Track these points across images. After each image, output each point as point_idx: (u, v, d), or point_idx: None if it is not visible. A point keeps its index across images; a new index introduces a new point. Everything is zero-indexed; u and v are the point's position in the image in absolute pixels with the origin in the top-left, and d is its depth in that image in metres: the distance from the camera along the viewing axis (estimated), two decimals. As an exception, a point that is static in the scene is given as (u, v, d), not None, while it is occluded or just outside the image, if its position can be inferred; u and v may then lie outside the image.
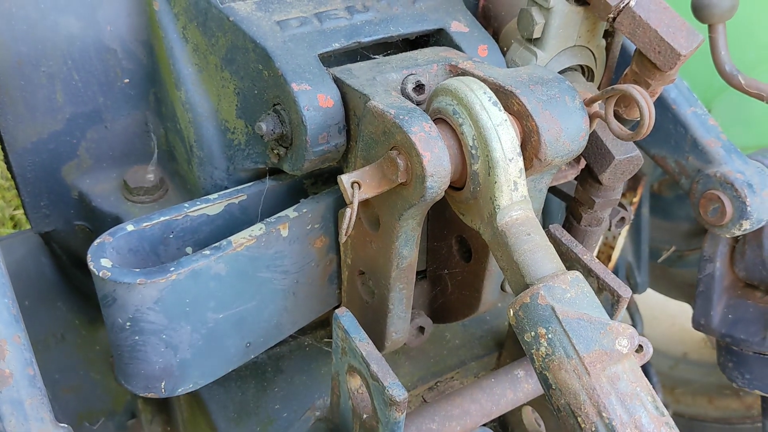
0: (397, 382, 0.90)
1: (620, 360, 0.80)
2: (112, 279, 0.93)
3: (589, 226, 1.18)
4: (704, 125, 1.30)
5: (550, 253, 0.87)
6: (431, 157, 0.84)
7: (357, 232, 1.06)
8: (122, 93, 1.18)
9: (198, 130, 1.11)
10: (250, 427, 1.28)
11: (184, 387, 1.06)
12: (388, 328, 1.10)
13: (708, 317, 1.50)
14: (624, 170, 1.08)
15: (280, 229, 1.04)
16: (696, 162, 1.31)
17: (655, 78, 1.02)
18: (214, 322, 1.03)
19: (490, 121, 0.85)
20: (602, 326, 0.81)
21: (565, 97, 0.93)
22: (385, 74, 1.00)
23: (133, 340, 0.99)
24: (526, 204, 0.88)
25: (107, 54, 1.15)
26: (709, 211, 1.30)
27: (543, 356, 0.82)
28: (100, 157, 1.23)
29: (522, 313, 0.84)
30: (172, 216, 1.04)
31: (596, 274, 1.06)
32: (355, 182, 0.89)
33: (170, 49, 1.10)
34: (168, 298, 0.96)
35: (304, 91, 0.96)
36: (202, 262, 0.98)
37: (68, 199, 1.25)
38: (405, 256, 1.00)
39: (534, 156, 0.91)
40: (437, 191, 0.87)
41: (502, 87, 0.92)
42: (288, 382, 1.34)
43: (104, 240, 0.99)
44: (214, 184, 1.14)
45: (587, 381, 0.79)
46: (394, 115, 0.87)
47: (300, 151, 0.99)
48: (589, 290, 0.84)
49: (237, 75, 1.05)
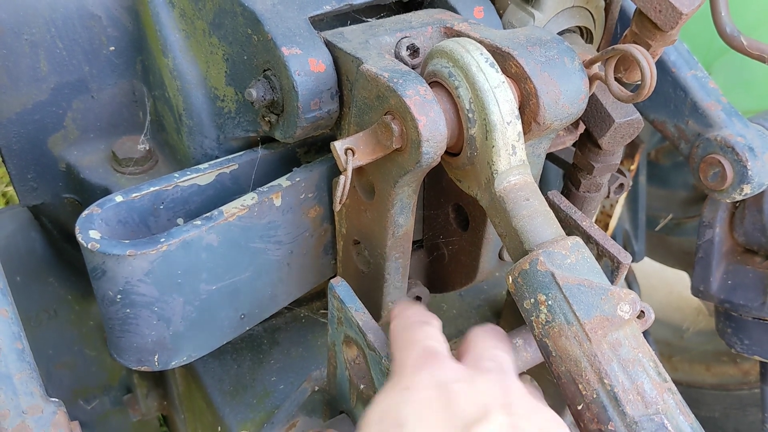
0: (393, 352, 0.89)
1: (622, 326, 0.78)
2: (101, 251, 0.91)
3: (587, 192, 1.16)
4: (704, 88, 1.28)
5: (549, 218, 0.85)
6: (427, 122, 0.82)
7: (351, 200, 1.03)
8: (108, 61, 1.15)
9: (187, 98, 1.08)
10: (246, 400, 1.27)
11: (177, 360, 1.04)
12: (385, 298, 1.08)
13: (707, 283, 1.49)
14: (624, 134, 1.05)
15: (273, 198, 1.02)
16: (696, 126, 1.28)
17: (655, 39, 0.99)
18: (207, 294, 1.02)
19: (487, 83, 0.82)
20: (603, 292, 0.79)
21: (564, 58, 0.90)
22: (378, 37, 0.97)
23: (124, 312, 0.97)
24: (524, 169, 0.86)
25: (91, 21, 1.11)
26: (709, 176, 1.28)
27: (543, 323, 0.80)
28: (88, 127, 1.19)
29: (521, 280, 0.82)
30: (162, 186, 1.01)
31: (596, 241, 1.04)
32: (349, 149, 0.87)
33: (156, 14, 1.07)
34: (159, 269, 0.94)
35: (294, 55, 0.93)
36: (193, 233, 0.95)
37: (56, 172, 1.22)
38: (401, 225, 0.98)
39: (532, 119, 0.89)
40: (433, 156, 0.84)
41: (499, 48, 0.90)
42: (284, 354, 1.33)
43: (92, 211, 0.96)
44: (204, 153, 1.11)
45: (588, 347, 0.77)
46: (388, 79, 0.84)
47: (291, 118, 0.96)
48: (589, 256, 0.82)
49: (225, 40, 1.02)
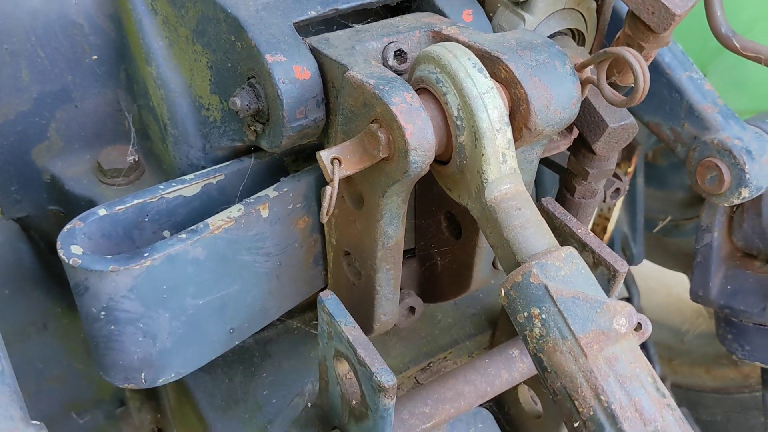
0: (385, 368, 0.86)
1: (618, 340, 0.76)
2: (83, 267, 0.89)
3: (583, 198, 1.14)
4: (700, 90, 1.25)
5: (542, 228, 0.82)
6: (414, 130, 0.79)
7: (340, 210, 1.01)
8: (91, 70, 1.12)
9: (171, 107, 1.06)
10: (238, 414, 1.24)
11: (165, 377, 1.02)
12: (377, 310, 1.05)
13: (706, 288, 1.46)
14: (618, 139, 1.03)
15: (260, 209, 0.99)
16: (692, 129, 1.26)
17: (648, 41, 0.97)
18: (194, 309, 0.99)
19: (476, 89, 0.80)
20: (599, 305, 0.76)
21: (555, 62, 0.88)
22: (365, 43, 0.94)
23: (109, 329, 0.94)
24: (515, 177, 0.83)
25: (73, 29, 1.09)
26: (706, 180, 1.25)
27: (537, 338, 0.78)
28: (72, 138, 1.17)
29: (514, 293, 0.80)
30: (147, 198, 0.99)
31: (591, 249, 1.02)
32: (335, 158, 0.85)
33: (139, 22, 1.04)
34: (143, 285, 0.92)
35: (278, 62, 0.90)
36: (178, 247, 0.93)
37: (40, 183, 1.19)
38: (391, 235, 0.96)
39: (523, 125, 0.86)
40: (421, 166, 0.82)
41: (488, 53, 0.87)
42: (276, 367, 1.30)
43: (75, 226, 0.94)
44: (190, 163, 1.09)
45: (584, 363, 0.75)
46: (374, 86, 0.81)
47: (277, 127, 0.94)
48: (584, 266, 0.80)
49: (209, 48, 1.00)
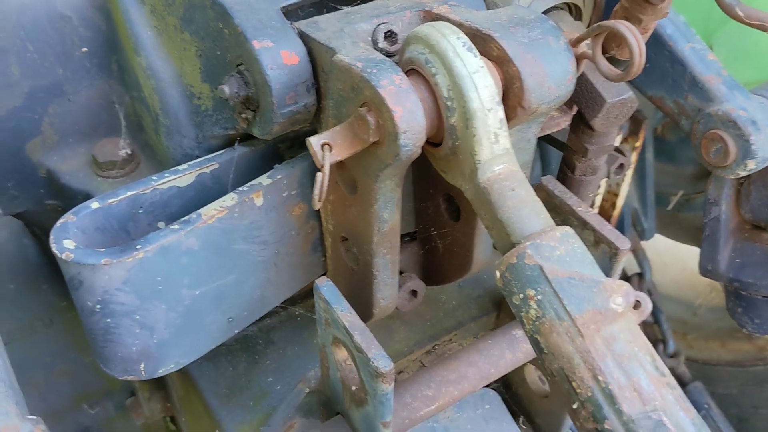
0: (382, 353, 0.85)
1: (616, 319, 0.74)
2: (75, 261, 0.88)
3: (583, 176, 1.12)
4: (703, 61, 1.22)
5: (537, 208, 0.81)
6: (403, 113, 0.78)
7: (336, 196, 1.00)
8: (82, 63, 1.11)
9: (162, 97, 1.05)
10: (242, 402, 1.24)
11: (165, 368, 1.01)
12: (375, 295, 1.04)
13: (715, 262, 1.44)
14: (617, 114, 1.01)
15: (254, 197, 0.98)
16: (696, 101, 1.23)
17: (646, 12, 0.94)
18: (191, 299, 0.98)
19: (465, 68, 0.78)
20: (595, 284, 0.75)
21: (548, 38, 0.86)
22: (354, 25, 0.93)
23: (105, 323, 0.94)
24: (509, 157, 0.82)
25: (62, 22, 1.07)
26: (711, 152, 1.23)
27: (533, 319, 0.76)
28: (66, 132, 1.16)
29: (509, 275, 0.78)
30: (140, 190, 0.98)
31: (592, 227, 1.00)
32: (326, 144, 0.83)
33: (126, 12, 1.03)
34: (137, 277, 0.91)
35: (266, 48, 0.89)
36: (171, 238, 0.92)
37: (36, 178, 1.19)
38: (386, 220, 0.95)
39: (517, 104, 0.85)
40: (412, 149, 0.80)
41: (479, 31, 0.85)
42: (280, 353, 1.30)
43: (68, 220, 0.93)
44: (184, 153, 1.08)
45: (581, 343, 0.74)
46: (362, 69, 0.80)
47: (267, 113, 0.92)
48: (580, 245, 0.78)
49: (197, 36, 0.98)
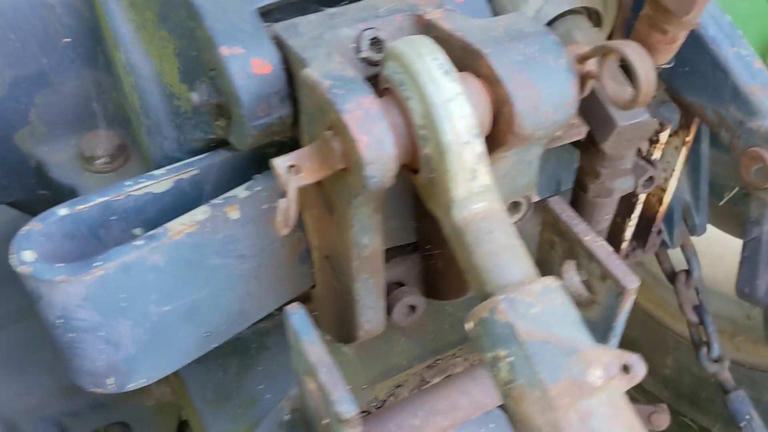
0: (345, 396, 0.78)
1: (594, 393, 0.65)
2: (32, 275, 0.83)
3: (597, 197, 1.01)
4: (748, 69, 1.08)
5: (517, 254, 0.71)
6: (368, 142, 0.69)
7: (318, 212, 0.92)
8: (66, 53, 1.05)
9: (142, 95, 0.98)
10: (230, 409, 1.19)
11: (135, 382, 0.97)
12: (359, 318, 0.97)
13: (753, 286, 1.31)
14: (631, 137, 0.89)
15: (227, 211, 0.91)
16: (737, 113, 1.10)
17: (671, 23, 0.83)
18: (159, 316, 0.93)
19: (440, 95, 0.68)
20: (573, 351, 0.66)
21: (547, 55, 0.75)
22: (336, 30, 0.83)
23: (68, 337, 0.89)
24: (489, 194, 0.72)
25: (44, 10, 1.01)
26: (751, 172, 1.10)
27: (503, 383, 0.68)
28: (53, 122, 1.11)
29: (480, 329, 0.70)
30: (111, 196, 0.92)
31: (599, 259, 0.90)
32: (293, 166, 0.75)
33: (104, 3, 0.96)
34: (97, 294, 0.86)
35: (235, 55, 0.81)
36: (133, 254, 0.86)
37: (27, 168, 1.15)
38: (365, 245, 0.87)
39: (507, 130, 0.75)
40: (381, 180, 0.72)
41: (468, 45, 0.75)
42: (273, 359, 1.24)
43: (32, 228, 0.88)
44: (164, 155, 1.01)
45: (553, 417, 0.65)
46: (327, 89, 0.71)
47: (238, 125, 0.85)
48: (563, 302, 0.69)
49: (174, 34, 0.91)
